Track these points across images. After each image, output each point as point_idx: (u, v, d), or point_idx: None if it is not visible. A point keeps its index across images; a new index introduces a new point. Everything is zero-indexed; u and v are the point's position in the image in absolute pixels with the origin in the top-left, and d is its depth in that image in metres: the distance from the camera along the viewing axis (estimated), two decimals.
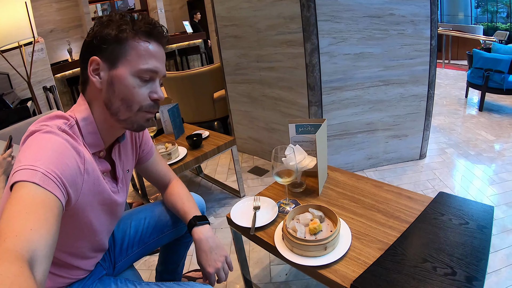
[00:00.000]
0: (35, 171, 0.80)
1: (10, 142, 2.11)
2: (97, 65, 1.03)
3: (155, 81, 1.09)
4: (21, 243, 0.68)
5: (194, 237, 1.33)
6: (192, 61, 9.19)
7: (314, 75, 2.73)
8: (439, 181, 2.88)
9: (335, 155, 3.04)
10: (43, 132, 0.92)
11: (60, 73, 6.67)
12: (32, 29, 3.64)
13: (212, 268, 1.26)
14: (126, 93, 1.04)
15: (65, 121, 1.01)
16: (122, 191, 1.25)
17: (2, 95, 3.91)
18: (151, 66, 1.05)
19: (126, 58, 1.03)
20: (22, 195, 0.77)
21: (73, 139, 0.98)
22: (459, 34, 8.00)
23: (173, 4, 12.09)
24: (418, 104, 3.07)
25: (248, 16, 3.19)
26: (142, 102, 1.07)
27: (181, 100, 4.28)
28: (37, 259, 0.69)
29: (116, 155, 1.21)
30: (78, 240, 1.11)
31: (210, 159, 2.65)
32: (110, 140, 1.16)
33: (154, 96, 1.08)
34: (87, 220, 1.07)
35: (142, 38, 1.04)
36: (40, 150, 0.87)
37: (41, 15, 8.21)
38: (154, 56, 1.06)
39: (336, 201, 1.64)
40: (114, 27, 1.02)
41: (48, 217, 0.77)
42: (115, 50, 1.02)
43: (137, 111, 1.07)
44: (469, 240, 1.24)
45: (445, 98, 5.41)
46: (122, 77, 1.03)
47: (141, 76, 1.04)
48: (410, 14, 2.79)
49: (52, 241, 0.75)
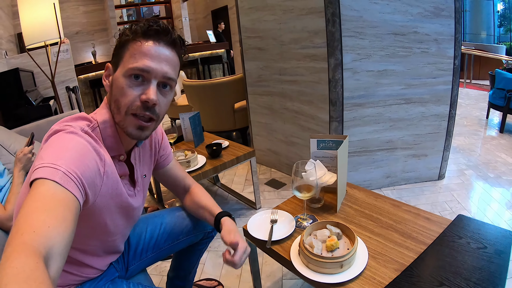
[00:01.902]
0: (56, 170, 0.82)
1: (31, 139, 2.15)
2: (108, 70, 1.08)
3: (149, 82, 1.03)
4: (39, 239, 0.69)
5: (224, 223, 1.35)
6: (214, 70, 9.26)
7: (336, 90, 2.73)
8: (457, 203, 2.84)
9: (353, 172, 3.03)
10: (66, 132, 0.94)
11: (83, 74, 6.80)
12: (59, 30, 3.73)
13: (245, 243, 1.25)
14: (117, 94, 1.04)
15: (88, 123, 1.03)
16: (139, 195, 1.26)
17: (25, 92, 4.00)
18: (140, 64, 1.00)
19: (123, 60, 1.04)
20: (42, 192, 0.78)
21: (95, 141, 1.00)
22: (481, 54, 7.92)
23: (198, 13, 12.24)
24: (439, 123, 3.05)
25: (272, 29, 3.22)
26: (129, 104, 1.02)
27: (201, 108, 4.31)
28: (52, 256, 0.70)
29: (136, 159, 1.22)
30: (90, 239, 1.13)
31: (228, 169, 2.66)
32: (129, 144, 1.17)
33: (142, 97, 1.02)
34: (102, 221, 1.08)
35: (138, 39, 1.03)
36: (62, 150, 0.89)
37: (68, 17, 8.41)
38: (147, 54, 1.02)
39: (353, 219, 1.63)
40: (121, 33, 1.06)
41: (66, 216, 0.77)
42: (118, 54, 1.05)
43: (125, 114, 1.03)
44: (486, 265, 1.22)
45: (466, 119, 5.36)
46: (116, 79, 1.04)
47: (130, 75, 1.01)
48: (434, 33, 2.78)
49: (68, 240, 0.76)
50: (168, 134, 2.59)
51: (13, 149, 2.42)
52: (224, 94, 4.26)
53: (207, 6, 11.70)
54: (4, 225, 1.62)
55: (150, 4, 11.59)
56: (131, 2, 12.12)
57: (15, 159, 2.00)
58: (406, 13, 2.68)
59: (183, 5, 10.70)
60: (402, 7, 2.66)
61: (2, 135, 2.59)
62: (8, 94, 3.87)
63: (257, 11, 3.35)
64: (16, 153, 2.03)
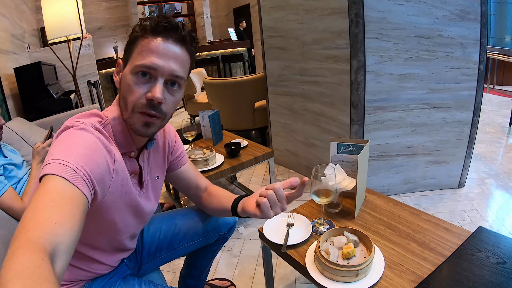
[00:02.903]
0: (65, 166, 0.82)
1: (51, 133, 2.17)
2: (119, 67, 1.07)
3: (156, 80, 1.01)
4: (45, 235, 0.69)
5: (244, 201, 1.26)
6: (234, 68, 9.27)
7: (358, 93, 2.70)
8: (476, 213, 2.77)
9: (372, 177, 2.99)
10: (77, 129, 0.95)
11: (104, 69, 6.86)
12: (81, 25, 3.79)
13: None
14: (124, 91, 1.03)
15: (99, 120, 1.03)
16: (146, 197, 1.25)
17: (47, 85, 4.06)
18: (146, 62, 0.99)
19: (131, 57, 1.03)
20: (51, 188, 0.78)
21: (106, 138, 1.00)
22: (505, 58, 7.75)
23: (219, 11, 12.28)
24: (461, 130, 2.98)
25: (295, 29, 3.20)
26: (135, 101, 1.01)
27: (221, 106, 4.32)
28: (58, 253, 0.70)
29: (144, 161, 1.21)
30: (99, 236, 1.13)
31: (246, 168, 2.64)
32: (140, 141, 1.16)
33: (148, 94, 1.01)
34: (110, 218, 1.08)
35: (147, 35, 1.01)
36: (72, 146, 0.89)
37: (90, 12, 8.52)
38: (154, 52, 1.00)
39: (371, 226, 1.60)
40: (131, 30, 1.05)
41: (74, 213, 0.77)
42: (128, 51, 1.05)
43: (131, 111, 1.03)
44: (505, 281, 1.18)
45: (488, 125, 5.24)
46: (124, 75, 1.04)
47: (137, 72, 1.01)
48: (459, 36, 2.71)
49: (75, 238, 0.75)
50: (187, 132, 2.59)
51: (33, 141, 2.46)
52: (245, 93, 4.26)
53: (229, 4, 11.73)
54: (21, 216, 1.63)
55: (172, 1, 11.64)
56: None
57: (33, 151, 2.03)
58: (431, 16, 2.62)
59: (205, 3, 10.72)
60: (427, 9, 2.60)
61: (23, 127, 2.64)
62: (30, 87, 3.92)
63: (279, 10, 3.33)
64: (34, 146, 2.06)
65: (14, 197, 1.71)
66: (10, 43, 4.20)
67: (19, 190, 1.86)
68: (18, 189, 1.86)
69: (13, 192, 1.74)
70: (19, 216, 1.65)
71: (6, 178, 1.81)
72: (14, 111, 3.81)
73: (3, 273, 0.58)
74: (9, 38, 4.20)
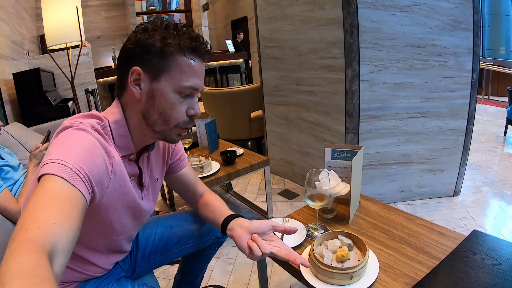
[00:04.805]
0: (64, 166, 0.82)
1: (48, 136, 2.18)
2: (138, 75, 1.02)
3: (193, 97, 1.09)
4: (43, 235, 0.68)
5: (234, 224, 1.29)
6: (232, 79, 9.32)
7: (353, 102, 2.72)
8: (472, 220, 2.78)
9: (367, 185, 3.00)
10: (76, 129, 0.95)
11: (102, 78, 6.90)
12: (80, 33, 3.79)
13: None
14: (165, 108, 1.04)
15: (98, 121, 1.03)
16: (147, 198, 1.25)
17: (45, 91, 4.08)
18: (192, 83, 1.04)
19: (170, 73, 1.02)
20: (49, 188, 0.78)
21: (104, 139, 1.00)
22: (500, 69, 7.82)
23: (217, 23, 12.36)
24: (456, 138, 3.01)
25: (290, 39, 3.23)
26: (179, 119, 1.07)
27: (218, 116, 4.33)
28: (56, 253, 0.70)
29: (144, 163, 1.21)
30: (95, 237, 1.13)
31: (241, 176, 2.65)
32: (141, 145, 1.17)
33: (191, 112, 1.08)
34: (108, 220, 1.07)
35: (186, 55, 1.02)
36: (71, 146, 0.89)
37: (90, 21, 8.57)
38: (196, 73, 1.05)
39: (366, 231, 1.61)
40: (159, 39, 1.00)
41: (72, 213, 0.77)
42: (159, 64, 1.01)
43: (174, 126, 1.08)
44: (500, 282, 1.18)
45: (483, 135, 5.28)
46: (163, 92, 1.03)
47: (181, 92, 1.04)
48: (452, 46, 2.75)
49: (73, 237, 0.76)
50: (183, 140, 2.59)
51: (30, 146, 2.48)
52: (241, 103, 4.28)
53: (227, 16, 11.81)
54: (16, 218, 1.64)
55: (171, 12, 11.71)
56: (152, 9, 12.28)
57: (30, 154, 2.04)
58: (425, 25, 2.66)
59: (203, 14, 10.81)
60: (421, 19, 2.64)
61: (20, 131, 2.67)
62: (28, 93, 3.95)
63: (276, 21, 3.37)
64: (31, 149, 2.07)
65: (10, 198, 1.71)
66: (9, 49, 4.23)
67: (14, 192, 1.86)
68: (14, 191, 1.87)
69: (8, 193, 1.74)
70: (14, 218, 1.65)
71: (2, 179, 1.81)
72: (11, 116, 3.82)
73: (1, 272, 0.59)
74: (8, 44, 4.23)
